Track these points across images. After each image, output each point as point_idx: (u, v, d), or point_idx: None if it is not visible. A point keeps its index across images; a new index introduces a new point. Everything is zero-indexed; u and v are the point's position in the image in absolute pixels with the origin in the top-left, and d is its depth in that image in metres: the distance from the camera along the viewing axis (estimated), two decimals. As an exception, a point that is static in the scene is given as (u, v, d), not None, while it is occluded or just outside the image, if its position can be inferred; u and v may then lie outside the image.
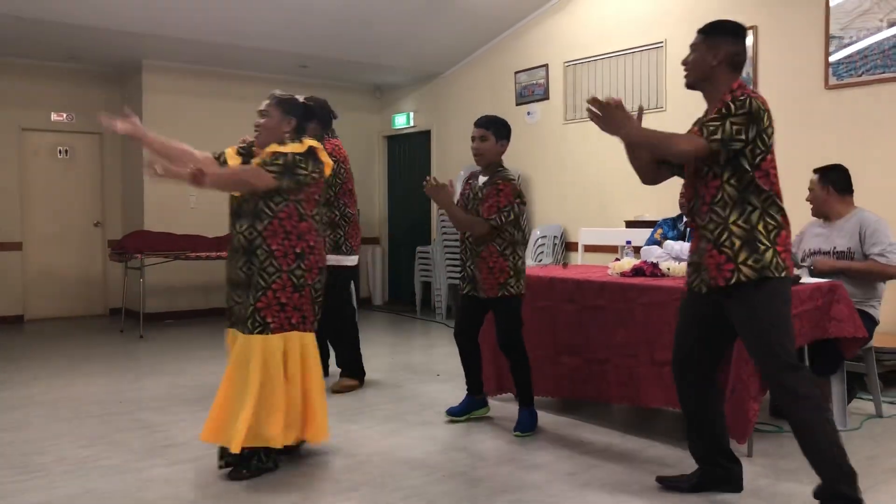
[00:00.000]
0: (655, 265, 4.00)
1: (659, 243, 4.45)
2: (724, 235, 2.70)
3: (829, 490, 2.62)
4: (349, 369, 4.91)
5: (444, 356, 5.89)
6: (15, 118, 8.06)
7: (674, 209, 4.17)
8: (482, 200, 3.82)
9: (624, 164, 3.00)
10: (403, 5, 7.02)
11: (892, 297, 4.61)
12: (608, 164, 6.69)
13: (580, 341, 3.98)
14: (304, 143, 3.26)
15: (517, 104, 7.84)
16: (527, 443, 3.71)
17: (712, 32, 2.79)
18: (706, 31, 2.80)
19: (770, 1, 5.75)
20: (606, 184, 6.87)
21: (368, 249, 9.54)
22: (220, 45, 7.46)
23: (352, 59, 8.14)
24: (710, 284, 2.74)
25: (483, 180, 3.91)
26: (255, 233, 3.15)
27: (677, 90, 4.44)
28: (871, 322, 3.96)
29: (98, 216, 8.67)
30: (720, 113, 2.64)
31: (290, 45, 7.60)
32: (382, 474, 3.26)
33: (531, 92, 7.73)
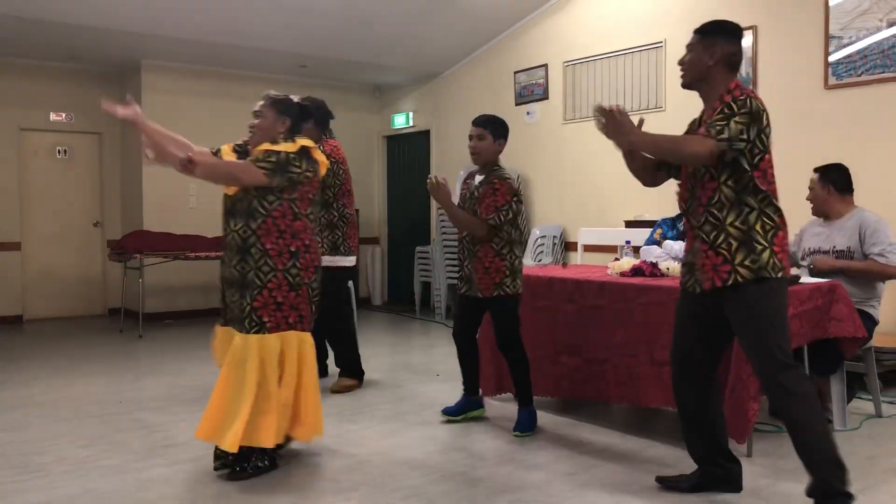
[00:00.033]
0: (655, 265, 4.00)
1: (658, 243, 4.45)
2: (720, 237, 2.70)
3: (824, 488, 2.62)
4: (348, 369, 4.91)
5: (444, 356, 5.89)
6: (14, 118, 8.05)
7: (673, 209, 4.17)
8: (479, 200, 3.82)
9: (623, 165, 2.99)
10: (403, 5, 7.02)
11: (892, 296, 4.62)
12: (607, 163, 6.68)
13: (580, 341, 3.99)
14: (296, 142, 3.26)
15: (516, 104, 7.84)
16: (526, 443, 3.71)
17: (709, 32, 2.78)
18: (702, 31, 2.80)
19: (770, 1, 5.75)
20: (606, 184, 6.86)
21: (368, 249, 9.54)
22: (219, 45, 7.46)
23: (351, 59, 8.14)
24: (707, 285, 2.74)
25: (479, 179, 3.91)
26: (249, 231, 3.15)
27: (677, 90, 4.44)
28: (870, 322, 3.96)
29: (97, 216, 8.67)
30: (723, 113, 2.64)
31: (290, 45, 7.60)
32: (382, 474, 3.26)
33: (530, 92, 7.72)
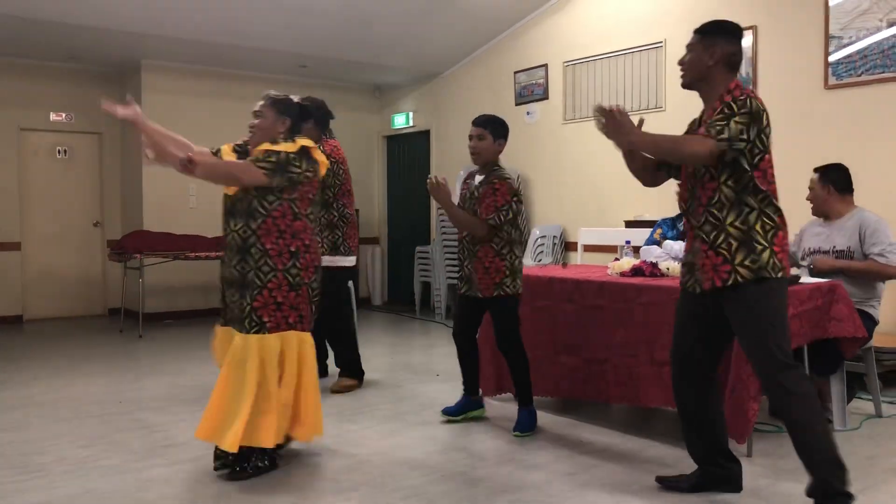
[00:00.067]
0: (655, 265, 4.00)
1: (658, 243, 4.45)
2: (720, 237, 2.70)
3: (824, 488, 2.62)
4: (348, 369, 4.91)
5: (444, 356, 5.89)
6: (14, 118, 8.05)
7: (673, 209, 4.17)
8: (479, 200, 3.82)
9: (623, 164, 2.99)
10: (403, 5, 7.02)
11: (892, 296, 4.62)
12: (607, 163, 6.68)
13: (580, 341, 3.98)
14: (296, 142, 3.26)
15: (516, 104, 7.84)
16: (526, 443, 3.71)
17: (708, 32, 2.78)
18: (702, 30, 2.80)
19: (770, 1, 5.75)
20: (606, 184, 6.86)
21: (368, 249, 9.54)
22: (219, 45, 7.46)
23: (351, 59, 8.14)
24: (707, 285, 2.74)
25: (479, 179, 3.91)
26: (249, 231, 3.15)
27: (677, 90, 4.45)
28: (870, 322, 3.96)
29: (97, 216, 8.67)
30: (724, 113, 2.64)
31: (290, 45, 7.59)
32: (382, 474, 3.26)
33: (530, 92, 7.72)
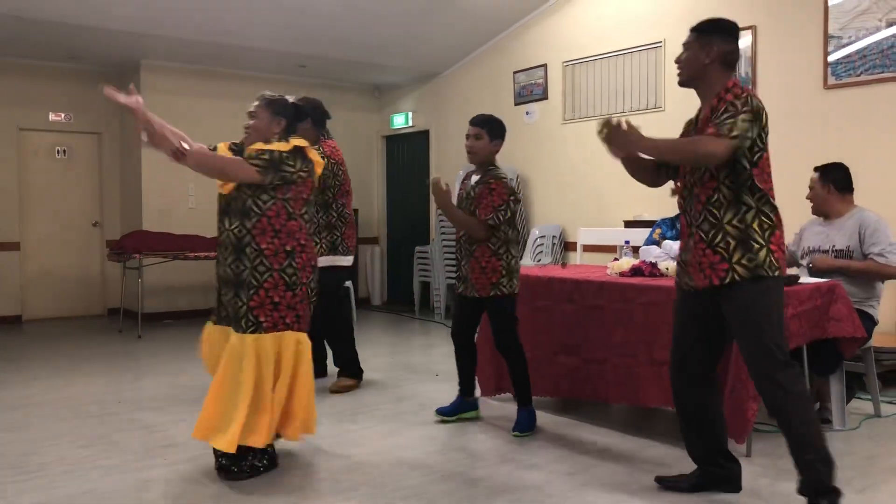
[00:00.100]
0: (654, 265, 4.00)
1: (657, 243, 4.45)
2: (719, 236, 2.71)
3: (816, 486, 2.63)
4: (347, 369, 4.91)
5: (443, 356, 5.88)
6: (13, 118, 8.05)
7: (672, 209, 4.16)
8: (475, 200, 3.82)
9: (623, 165, 2.99)
10: (403, 5, 7.02)
11: (892, 296, 4.62)
12: (607, 163, 6.56)
13: (579, 341, 3.99)
14: (289, 142, 3.27)
15: (516, 104, 7.84)
16: (525, 443, 3.71)
17: (705, 31, 2.79)
18: (699, 29, 2.81)
19: (769, 1, 5.75)
20: (605, 183, 6.86)
21: (367, 249, 9.55)
22: (219, 45, 7.46)
23: (351, 59, 8.14)
24: (704, 284, 2.75)
25: (475, 179, 3.91)
26: (244, 231, 3.15)
27: (676, 90, 4.46)
28: (870, 322, 3.96)
29: (96, 216, 8.66)
30: (729, 111, 2.64)
31: (290, 45, 7.59)
32: (381, 474, 3.26)
33: (530, 92, 7.72)
